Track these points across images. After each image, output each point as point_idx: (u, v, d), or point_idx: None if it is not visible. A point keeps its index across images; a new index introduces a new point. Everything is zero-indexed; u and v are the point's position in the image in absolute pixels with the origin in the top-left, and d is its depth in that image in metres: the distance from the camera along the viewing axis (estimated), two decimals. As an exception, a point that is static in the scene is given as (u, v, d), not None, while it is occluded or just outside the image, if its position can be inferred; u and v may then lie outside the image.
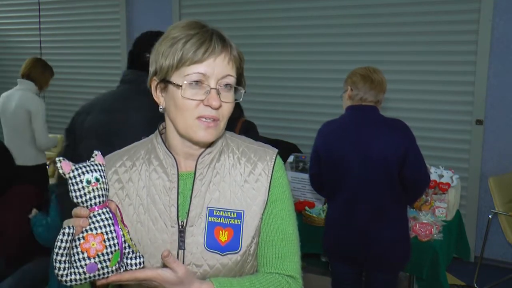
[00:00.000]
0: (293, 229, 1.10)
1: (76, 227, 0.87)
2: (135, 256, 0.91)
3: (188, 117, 0.98)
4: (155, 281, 0.90)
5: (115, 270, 0.89)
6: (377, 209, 2.25)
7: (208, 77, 0.97)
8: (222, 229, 1.02)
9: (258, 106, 4.65)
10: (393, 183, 2.23)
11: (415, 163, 2.23)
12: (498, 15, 3.75)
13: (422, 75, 4.05)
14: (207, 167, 1.06)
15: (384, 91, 2.35)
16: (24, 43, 6.06)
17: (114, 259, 0.88)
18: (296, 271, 1.09)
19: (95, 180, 0.90)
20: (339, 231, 2.37)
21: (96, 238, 0.87)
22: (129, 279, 0.90)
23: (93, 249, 0.86)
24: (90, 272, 0.86)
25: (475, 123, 3.89)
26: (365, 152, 2.23)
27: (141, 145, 1.12)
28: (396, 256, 2.30)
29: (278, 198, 1.09)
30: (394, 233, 2.27)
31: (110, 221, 0.89)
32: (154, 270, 0.91)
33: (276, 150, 1.13)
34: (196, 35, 0.97)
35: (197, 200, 1.04)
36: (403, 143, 2.20)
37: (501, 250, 3.96)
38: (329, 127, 2.41)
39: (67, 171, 0.89)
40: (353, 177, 2.28)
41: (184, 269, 0.91)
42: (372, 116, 2.29)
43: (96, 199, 0.89)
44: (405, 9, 4.05)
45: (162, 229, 1.03)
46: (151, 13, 5.20)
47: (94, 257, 0.86)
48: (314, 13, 4.41)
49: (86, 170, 0.90)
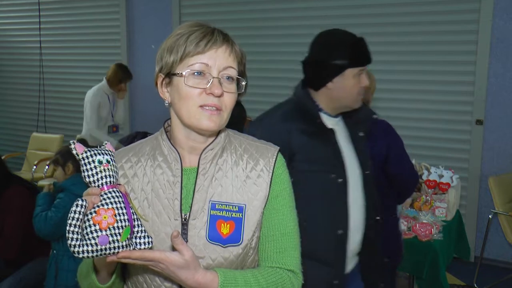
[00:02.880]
0: (293, 225, 1.12)
1: (88, 203, 0.90)
2: (144, 235, 0.93)
3: (192, 105, 1.01)
4: (162, 263, 0.93)
5: (125, 246, 0.91)
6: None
7: (210, 68, 1.01)
8: (224, 222, 1.05)
9: (258, 106, 4.62)
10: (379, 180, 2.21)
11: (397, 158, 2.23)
12: (498, 15, 3.75)
13: (422, 75, 4.05)
14: (209, 162, 1.08)
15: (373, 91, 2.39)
16: (24, 43, 6.06)
17: (125, 234, 0.90)
18: (296, 265, 1.10)
19: (106, 161, 0.94)
20: None
21: (107, 212, 0.90)
22: (138, 257, 0.92)
23: (105, 221, 0.89)
24: (102, 244, 0.88)
25: (475, 123, 3.90)
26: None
27: (147, 141, 1.15)
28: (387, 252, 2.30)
29: (279, 194, 1.11)
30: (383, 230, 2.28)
31: (120, 199, 0.93)
32: (162, 252, 0.93)
33: (278, 148, 1.15)
34: (198, 30, 1.03)
35: (199, 194, 1.06)
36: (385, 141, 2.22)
37: (501, 250, 3.96)
38: None
39: (80, 151, 0.94)
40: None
41: (191, 252, 0.93)
42: None
43: (107, 178, 0.93)
44: (405, 9, 4.05)
45: (166, 222, 1.05)
46: (151, 13, 5.21)
47: (105, 229, 0.88)
48: (314, 13, 4.41)
49: (98, 152, 0.95)
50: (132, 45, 5.35)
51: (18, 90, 6.17)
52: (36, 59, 5.87)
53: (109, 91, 4.33)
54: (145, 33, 5.26)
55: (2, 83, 6.31)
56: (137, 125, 5.40)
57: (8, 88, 6.30)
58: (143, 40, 5.28)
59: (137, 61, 5.35)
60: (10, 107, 6.28)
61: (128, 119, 5.45)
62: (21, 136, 6.06)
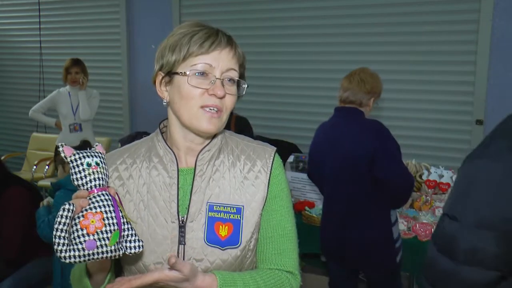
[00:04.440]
0: (291, 226, 1.12)
1: (76, 206, 0.88)
2: (134, 239, 0.92)
3: (193, 106, 1.01)
4: (162, 282, 0.92)
5: (114, 250, 0.89)
6: (351, 208, 2.27)
7: (214, 68, 1.01)
8: (222, 224, 1.04)
9: (258, 106, 4.65)
10: (364, 183, 2.21)
11: (384, 161, 2.15)
12: (498, 15, 3.75)
13: (422, 75, 4.05)
14: (206, 163, 1.08)
15: (370, 91, 2.31)
16: (24, 43, 6.06)
17: (113, 238, 0.88)
18: (294, 267, 1.10)
19: (95, 163, 0.93)
20: (322, 230, 2.43)
21: (95, 216, 0.88)
22: (139, 285, 0.90)
23: (92, 226, 0.87)
24: (89, 249, 0.87)
25: (475, 123, 3.89)
26: (338, 152, 2.28)
27: (142, 143, 1.14)
28: (377, 256, 2.28)
29: (277, 195, 1.10)
30: (371, 234, 2.25)
31: (109, 202, 0.91)
32: (160, 271, 0.92)
33: (275, 148, 1.15)
34: (202, 30, 1.02)
35: (197, 196, 1.05)
36: (371, 142, 2.16)
37: (501, 250, 3.96)
38: (320, 127, 2.49)
39: (69, 154, 0.92)
40: (329, 177, 2.34)
41: (189, 267, 0.93)
42: (348, 117, 2.31)
43: (96, 181, 0.92)
44: (406, 9, 4.05)
45: (163, 224, 1.04)
46: (151, 13, 5.20)
47: (93, 234, 0.87)
48: (314, 13, 4.40)
49: (87, 154, 0.93)
50: (132, 45, 5.35)
51: (18, 90, 6.17)
52: (36, 59, 5.87)
53: (68, 88, 4.27)
54: (145, 33, 5.26)
55: (2, 83, 6.31)
56: (137, 125, 5.39)
57: (8, 88, 6.29)
58: (143, 40, 5.28)
59: (137, 61, 5.35)
60: (10, 107, 6.27)
61: (128, 119, 5.45)
62: (21, 136, 6.06)
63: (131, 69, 5.39)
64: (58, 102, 4.29)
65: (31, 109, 4.42)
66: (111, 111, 5.49)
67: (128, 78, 5.38)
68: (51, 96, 4.36)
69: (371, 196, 2.24)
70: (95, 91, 4.38)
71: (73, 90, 4.25)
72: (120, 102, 5.47)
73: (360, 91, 2.30)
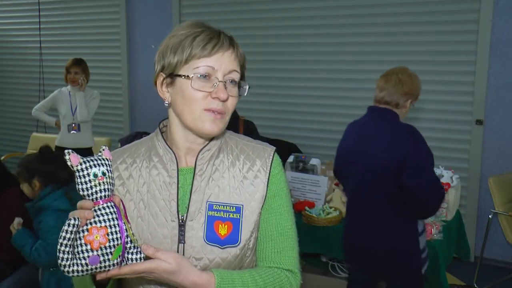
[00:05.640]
0: (291, 224, 1.12)
1: (81, 218, 0.89)
2: (136, 251, 0.92)
3: (196, 108, 1.01)
4: (154, 272, 0.93)
5: (117, 263, 0.90)
6: (374, 213, 2.18)
7: (216, 71, 1.01)
8: (221, 223, 1.04)
9: (258, 106, 4.65)
10: (389, 188, 2.11)
11: (413, 169, 2.05)
12: (498, 15, 3.75)
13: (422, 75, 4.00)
14: (206, 163, 1.08)
15: (407, 93, 2.20)
16: (24, 43, 6.06)
17: (116, 252, 0.89)
18: (294, 265, 1.10)
19: (101, 174, 0.92)
20: (345, 233, 2.36)
21: (100, 231, 0.88)
22: (128, 272, 0.91)
23: (97, 241, 0.88)
24: (92, 264, 0.88)
25: (475, 123, 3.89)
26: (364, 154, 2.19)
27: (142, 142, 1.14)
28: (397, 263, 2.18)
29: (276, 193, 1.11)
30: (391, 240, 2.15)
31: (114, 215, 0.91)
32: (151, 261, 0.92)
33: (274, 148, 1.15)
34: (204, 32, 1.02)
35: (196, 195, 1.06)
36: (403, 147, 2.06)
37: (501, 250, 3.96)
38: (349, 127, 2.39)
39: (75, 163, 0.91)
40: (354, 178, 2.26)
41: (172, 255, 0.93)
42: (381, 118, 2.20)
43: (102, 192, 0.91)
44: (405, 9, 4.05)
45: (163, 223, 1.04)
46: (151, 13, 5.21)
47: (97, 249, 0.88)
48: (314, 13, 4.40)
49: (94, 164, 0.92)
50: (132, 45, 5.35)
51: (18, 90, 6.17)
52: (36, 59, 5.87)
53: (69, 88, 4.25)
54: (145, 33, 5.26)
55: (2, 83, 6.31)
56: (137, 125, 5.40)
57: (8, 88, 6.29)
58: (143, 40, 5.28)
59: (137, 61, 5.35)
60: (10, 107, 6.28)
61: (128, 119, 5.45)
62: (21, 136, 6.06)
63: (131, 69, 5.39)
64: (58, 101, 4.28)
65: (34, 108, 4.41)
66: (111, 111, 5.50)
67: (128, 78, 5.38)
68: (53, 95, 4.37)
69: (397, 202, 2.12)
70: (96, 92, 4.36)
71: (74, 90, 4.24)
72: (120, 102, 5.47)
73: (396, 92, 2.18)
